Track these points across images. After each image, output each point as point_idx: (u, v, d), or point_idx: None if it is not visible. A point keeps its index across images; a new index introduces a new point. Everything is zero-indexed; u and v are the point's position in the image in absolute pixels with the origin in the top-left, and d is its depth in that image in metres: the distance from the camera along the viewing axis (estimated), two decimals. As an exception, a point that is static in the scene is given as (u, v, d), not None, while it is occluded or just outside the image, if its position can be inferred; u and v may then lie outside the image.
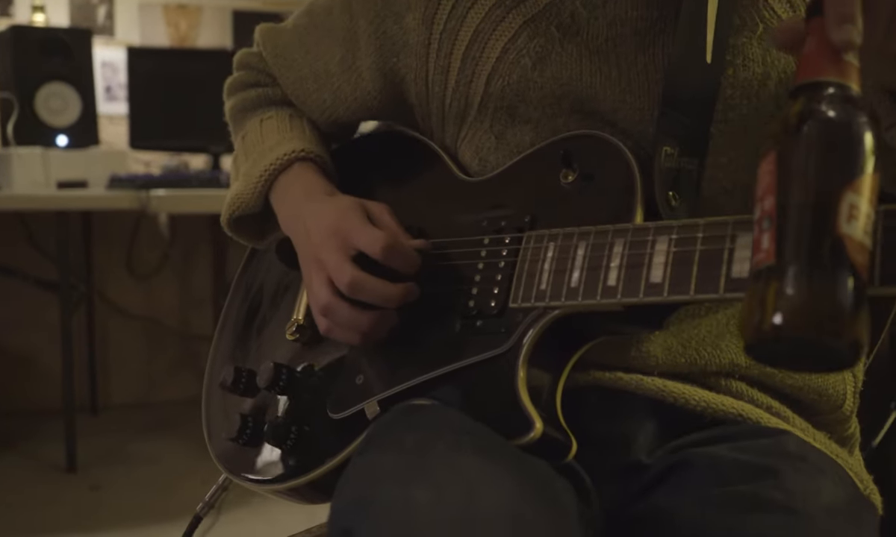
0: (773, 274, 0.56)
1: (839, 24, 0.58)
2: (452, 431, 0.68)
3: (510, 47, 0.85)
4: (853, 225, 0.55)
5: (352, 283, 0.81)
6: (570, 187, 0.79)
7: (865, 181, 0.56)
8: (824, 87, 0.59)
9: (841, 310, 0.54)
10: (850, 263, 0.54)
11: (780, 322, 0.54)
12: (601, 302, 0.71)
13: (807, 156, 0.57)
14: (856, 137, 0.57)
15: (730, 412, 0.79)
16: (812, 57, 0.60)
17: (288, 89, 1.06)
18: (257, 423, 0.93)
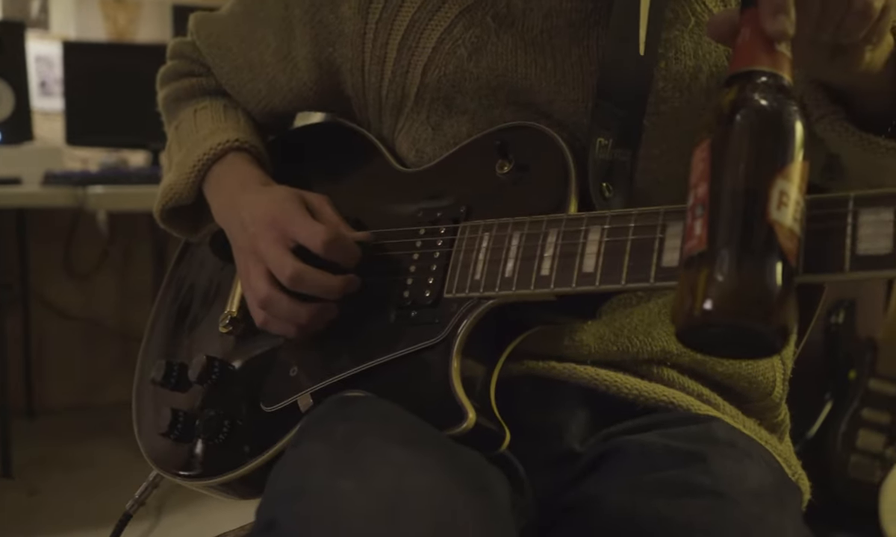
0: (705, 260, 0.56)
1: (773, 15, 0.59)
2: (383, 422, 0.68)
3: (446, 37, 0.84)
4: (783, 212, 0.55)
5: (294, 276, 0.80)
6: (505, 178, 0.80)
7: (796, 169, 0.57)
8: (757, 76, 0.59)
9: (770, 296, 0.54)
10: (780, 249, 0.55)
11: (711, 307, 0.54)
12: (535, 291, 0.71)
13: (739, 144, 0.58)
14: (787, 126, 0.58)
15: (661, 399, 0.79)
16: (746, 47, 0.61)
17: (222, 79, 1.04)
18: (189, 418, 0.91)
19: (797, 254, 0.56)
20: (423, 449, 0.64)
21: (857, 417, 2.22)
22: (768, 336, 0.55)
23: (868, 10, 0.60)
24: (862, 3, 0.60)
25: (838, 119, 0.72)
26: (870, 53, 0.66)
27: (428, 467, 0.62)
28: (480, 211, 0.80)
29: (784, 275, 0.55)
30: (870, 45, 0.65)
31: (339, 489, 0.58)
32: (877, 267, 0.57)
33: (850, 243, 0.57)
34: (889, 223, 0.57)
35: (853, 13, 0.61)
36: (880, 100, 0.72)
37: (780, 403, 0.90)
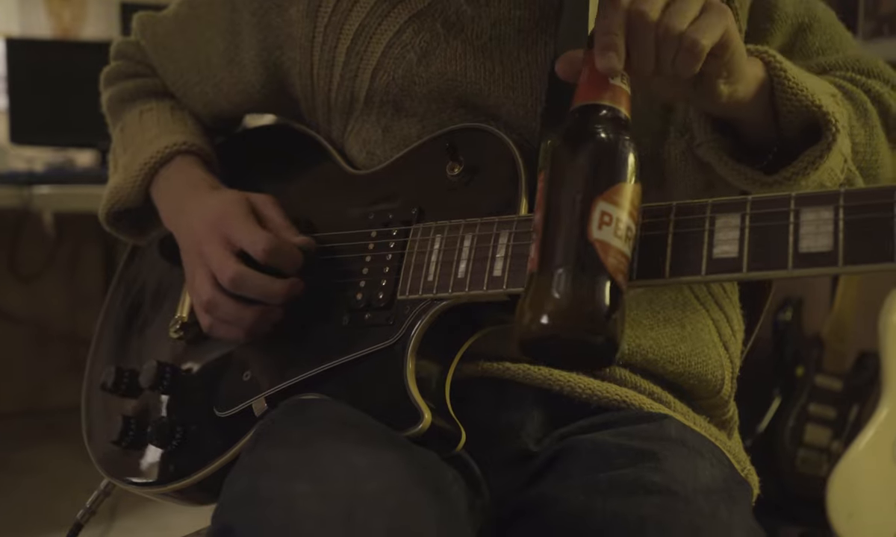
0: (538, 279, 0.61)
1: (602, 52, 0.64)
2: (339, 424, 0.68)
3: (395, 42, 0.85)
4: (605, 231, 0.60)
5: (234, 278, 0.80)
6: (456, 180, 0.80)
7: (621, 191, 0.61)
8: (590, 110, 0.64)
9: (595, 310, 0.59)
10: (603, 267, 0.60)
11: (543, 322, 0.59)
12: (487, 292, 0.72)
13: (565, 170, 0.63)
14: (609, 152, 0.62)
15: (614, 399, 0.80)
16: (584, 83, 0.66)
17: (168, 81, 1.03)
18: (140, 425, 0.90)
19: (625, 270, 0.61)
20: (380, 451, 0.65)
21: (804, 412, 2.27)
22: (597, 347, 0.60)
23: (695, 47, 0.64)
24: (689, 42, 0.64)
25: (714, 147, 0.76)
26: (725, 87, 0.69)
27: (384, 469, 0.62)
28: (432, 212, 0.80)
29: (609, 291, 0.59)
30: (721, 79, 0.68)
31: (295, 493, 0.58)
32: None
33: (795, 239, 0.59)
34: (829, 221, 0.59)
35: (683, 50, 0.64)
36: (758, 130, 0.76)
37: (728, 401, 0.91)
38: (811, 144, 0.74)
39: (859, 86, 0.85)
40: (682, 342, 0.86)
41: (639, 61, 0.65)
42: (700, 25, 0.65)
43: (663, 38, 0.65)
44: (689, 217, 0.64)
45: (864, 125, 0.82)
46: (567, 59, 0.69)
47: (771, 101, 0.74)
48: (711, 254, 0.62)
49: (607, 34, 0.64)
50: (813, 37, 0.88)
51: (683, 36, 0.64)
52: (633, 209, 0.62)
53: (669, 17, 0.64)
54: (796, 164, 0.73)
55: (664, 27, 0.64)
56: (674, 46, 0.65)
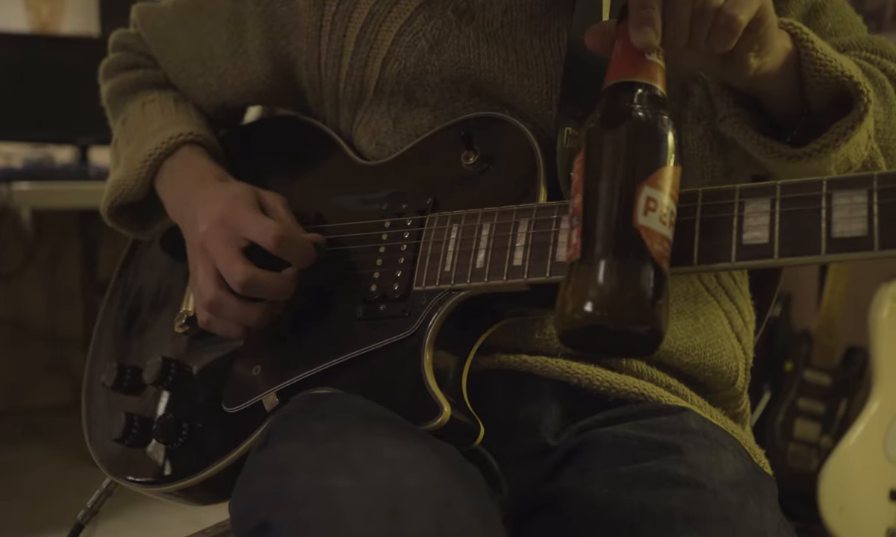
0: (580, 267, 0.59)
1: (638, 27, 0.62)
2: (364, 417, 0.66)
3: (406, 30, 0.83)
4: (650, 217, 0.58)
5: (244, 283, 0.78)
6: (471, 169, 0.78)
7: (664, 175, 0.60)
8: (626, 87, 0.62)
9: (641, 298, 0.57)
10: (649, 254, 0.58)
11: (587, 311, 0.57)
12: (508, 282, 0.70)
13: (606, 154, 0.60)
14: (652, 134, 0.60)
15: (632, 391, 0.79)
16: (618, 59, 0.64)
17: (170, 72, 1.01)
18: (144, 422, 0.88)
19: (668, 256, 0.60)
20: (411, 445, 0.63)
21: (793, 407, 2.28)
22: (642, 336, 0.58)
23: (731, 22, 0.63)
24: (726, 18, 0.63)
25: (739, 121, 0.74)
26: (755, 60, 0.68)
27: (419, 462, 0.60)
28: (447, 202, 0.78)
29: (655, 278, 0.58)
30: (752, 52, 0.67)
31: (334, 488, 0.56)
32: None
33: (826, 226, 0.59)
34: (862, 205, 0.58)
35: (719, 26, 0.63)
36: (784, 105, 0.74)
37: (742, 392, 0.91)
38: (836, 119, 0.72)
39: (875, 64, 0.84)
40: (697, 333, 0.85)
41: (673, 35, 0.64)
42: (736, 0, 0.63)
43: (700, 13, 0.63)
44: (717, 202, 0.63)
45: (883, 103, 0.81)
46: (598, 30, 0.67)
47: (798, 73, 0.72)
48: (741, 240, 0.61)
49: (643, 7, 0.62)
50: (826, 17, 0.87)
51: (721, 11, 0.63)
52: (674, 192, 0.61)
53: None
54: (827, 136, 0.72)
55: (702, 1, 0.63)
56: (710, 20, 0.63)
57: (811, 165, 0.73)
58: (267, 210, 0.83)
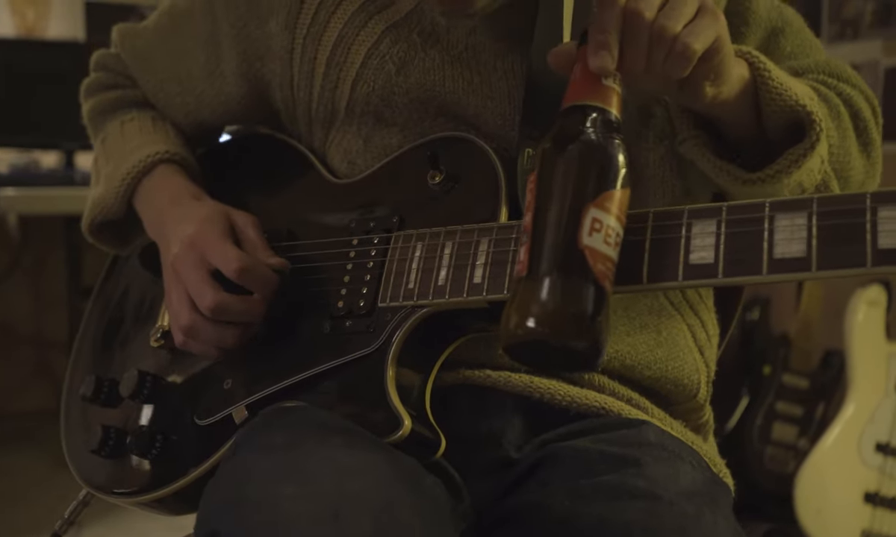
0: (526, 283, 0.61)
1: (595, 52, 0.64)
2: (322, 429, 0.68)
3: (373, 53, 0.85)
4: (595, 237, 0.61)
5: (213, 308, 0.80)
6: (437, 188, 0.80)
7: (611, 197, 0.62)
8: (581, 110, 0.64)
9: (581, 316, 0.60)
10: (592, 273, 0.60)
11: (532, 325, 0.60)
12: (468, 299, 0.72)
13: (555, 175, 0.63)
14: (600, 157, 0.63)
15: (593, 405, 0.81)
16: (576, 82, 0.66)
17: (149, 92, 1.03)
18: (120, 434, 0.90)
19: (612, 276, 0.62)
20: (365, 452, 0.65)
21: (771, 410, 2.31)
22: (582, 352, 0.61)
23: (686, 50, 0.64)
24: (681, 46, 0.64)
25: (697, 143, 0.76)
26: (711, 88, 0.70)
27: (369, 469, 0.63)
28: (413, 220, 0.80)
29: (596, 297, 0.60)
30: (707, 81, 0.69)
31: (281, 495, 0.59)
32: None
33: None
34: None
35: (675, 53, 0.65)
36: (742, 130, 0.76)
37: (704, 405, 0.93)
38: (791, 144, 0.75)
39: (832, 88, 0.86)
40: (659, 347, 0.87)
41: (631, 61, 0.66)
42: (694, 29, 0.65)
43: (657, 39, 0.65)
44: (666, 223, 0.65)
45: (837, 127, 0.83)
46: (560, 51, 0.69)
47: (754, 101, 0.75)
48: (688, 260, 0.63)
49: (602, 32, 0.64)
50: (785, 41, 0.89)
51: (677, 39, 0.65)
52: (621, 214, 0.63)
53: (664, 17, 0.65)
54: (780, 162, 0.74)
55: (659, 28, 0.65)
56: (666, 48, 0.65)
57: (765, 189, 0.75)
58: (238, 231, 0.86)
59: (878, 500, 1.97)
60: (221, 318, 0.81)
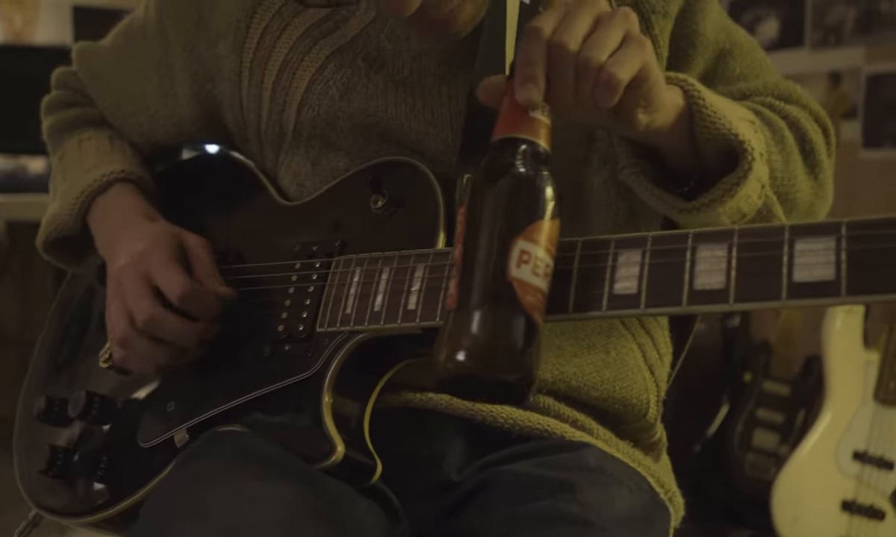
0: (456, 315, 0.61)
1: (522, 85, 0.64)
2: (242, 459, 0.69)
3: (318, 78, 0.85)
4: (523, 269, 0.61)
5: (148, 320, 0.80)
6: (379, 212, 0.80)
7: (539, 229, 0.62)
8: (509, 143, 0.64)
9: (511, 348, 0.60)
10: (521, 305, 0.60)
11: (462, 359, 0.60)
12: (402, 325, 0.72)
13: (484, 207, 0.63)
14: (528, 189, 0.63)
15: (536, 428, 0.81)
16: (505, 114, 0.66)
17: (105, 111, 1.04)
18: (68, 454, 0.90)
19: (542, 307, 0.62)
20: (279, 485, 0.66)
21: (752, 417, 2.31)
22: (513, 384, 0.61)
23: (611, 80, 0.64)
24: (606, 75, 0.64)
25: (636, 171, 0.76)
26: (644, 116, 0.69)
27: (276, 501, 0.64)
28: (355, 245, 0.80)
29: (526, 329, 0.60)
30: (639, 109, 0.69)
31: (173, 534, 0.60)
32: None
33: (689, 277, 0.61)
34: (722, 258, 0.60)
35: (601, 83, 0.64)
36: (680, 157, 0.76)
37: (654, 424, 0.93)
38: (730, 171, 0.75)
39: (777, 111, 0.86)
40: (607, 368, 0.87)
41: (559, 92, 0.66)
42: (618, 59, 0.65)
43: (583, 70, 0.65)
44: (594, 252, 0.65)
45: (781, 151, 0.83)
46: (488, 84, 0.69)
47: (690, 128, 0.75)
48: (613, 290, 0.63)
49: (528, 66, 0.64)
50: (734, 62, 0.89)
51: (602, 69, 0.64)
52: (550, 245, 0.63)
53: (589, 48, 0.65)
54: (713, 192, 0.74)
55: (584, 59, 0.64)
56: (592, 78, 0.65)
57: (702, 217, 0.75)
58: (189, 253, 0.86)
59: (855, 508, 1.97)
60: (155, 334, 0.81)
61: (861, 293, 0.55)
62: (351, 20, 0.85)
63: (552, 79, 0.65)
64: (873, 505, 1.96)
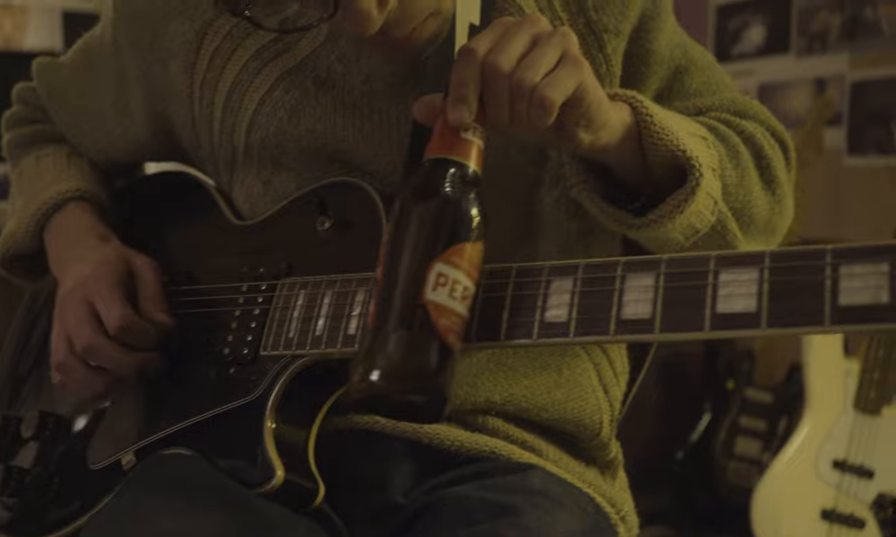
0: (372, 336, 0.62)
1: (453, 106, 0.64)
2: (173, 488, 0.69)
3: (266, 99, 0.85)
4: (439, 292, 0.61)
5: (87, 348, 0.81)
6: (326, 234, 0.80)
7: (459, 252, 0.62)
8: (438, 164, 0.64)
9: (422, 371, 0.61)
10: (434, 328, 0.61)
11: (374, 379, 0.61)
12: (342, 350, 0.72)
13: (406, 228, 0.63)
14: (451, 212, 0.63)
15: (483, 449, 0.81)
16: (437, 135, 0.66)
17: (63, 128, 1.04)
18: (21, 474, 0.90)
19: (458, 330, 0.62)
20: (204, 515, 0.66)
21: (735, 425, 2.31)
22: (426, 405, 0.62)
23: (544, 102, 0.64)
24: (539, 97, 0.64)
25: (586, 189, 0.76)
26: (586, 135, 0.69)
27: (203, 529, 0.63)
28: (301, 267, 0.80)
29: (439, 352, 0.61)
30: (580, 128, 0.68)
31: None
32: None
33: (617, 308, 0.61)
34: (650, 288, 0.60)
35: (534, 105, 0.64)
36: (631, 174, 0.76)
37: (608, 443, 0.92)
38: (680, 187, 0.74)
39: (733, 127, 0.85)
40: (558, 388, 0.87)
41: (494, 113, 0.65)
42: (552, 80, 0.64)
43: (516, 92, 0.64)
44: (527, 279, 0.65)
45: (736, 166, 0.82)
46: (425, 102, 0.69)
47: (639, 145, 0.74)
48: (544, 318, 0.63)
49: (459, 87, 0.64)
50: (690, 79, 0.89)
51: (535, 90, 0.64)
52: (471, 269, 0.63)
53: (522, 69, 0.64)
54: (662, 208, 0.74)
55: (517, 80, 0.64)
56: (526, 100, 0.65)
57: (654, 232, 0.75)
58: (136, 276, 0.86)
59: (834, 517, 1.97)
60: (93, 362, 0.81)
61: (781, 326, 0.55)
62: (301, 42, 0.85)
63: (486, 99, 0.65)
64: (853, 514, 1.96)
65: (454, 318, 0.62)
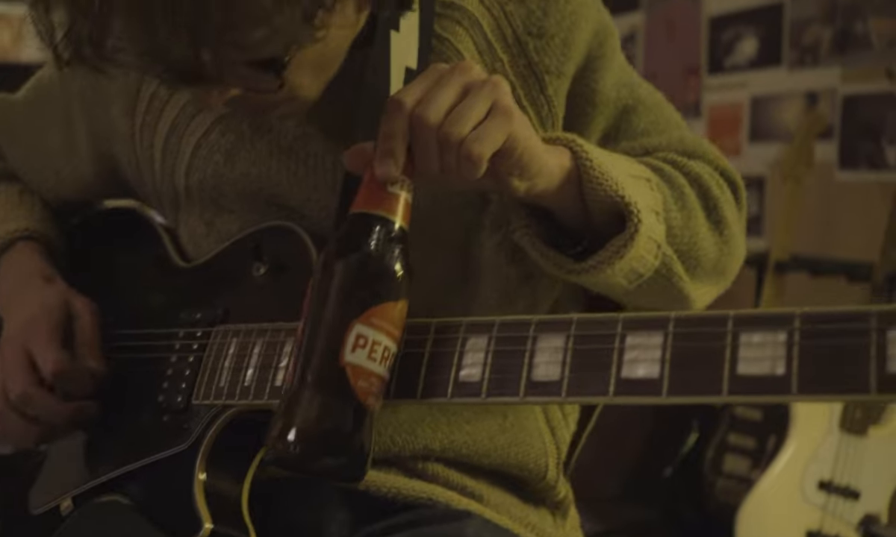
0: (290, 395, 0.62)
1: (379, 159, 0.63)
2: None
3: (203, 142, 0.85)
4: (358, 354, 0.61)
5: (21, 396, 0.81)
6: (261, 279, 0.80)
7: (381, 312, 0.62)
8: (361, 219, 0.64)
9: (337, 433, 0.61)
10: (352, 390, 0.61)
11: (288, 439, 0.61)
12: (269, 402, 0.72)
13: (327, 286, 0.63)
14: (373, 270, 0.62)
15: (420, 496, 0.81)
16: (364, 188, 0.65)
17: (15, 165, 1.04)
18: (-32, 516, 0.90)
19: (377, 391, 0.62)
20: None
21: (723, 442, 2.29)
22: (342, 465, 0.62)
23: (471, 155, 0.63)
24: (466, 152, 0.63)
25: (528, 233, 0.75)
26: (521, 182, 0.68)
27: None
28: (237, 313, 0.80)
29: (355, 414, 0.61)
30: (513, 177, 0.68)
31: None
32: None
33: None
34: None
35: (462, 158, 0.64)
36: (573, 218, 0.75)
37: (556, 485, 0.92)
38: (621, 232, 0.74)
39: (679, 168, 0.84)
40: (502, 433, 0.86)
41: (423, 164, 0.65)
42: (480, 133, 0.64)
43: (444, 145, 0.64)
44: (445, 336, 0.65)
45: (681, 208, 0.81)
46: (354, 152, 0.68)
47: (580, 189, 0.73)
48: (458, 377, 0.63)
49: (386, 140, 0.64)
50: (637, 118, 0.88)
51: (462, 144, 0.63)
52: (393, 329, 0.63)
53: (450, 123, 0.64)
54: (601, 253, 0.73)
55: (444, 134, 0.63)
56: (454, 153, 0.64)
57: (595, 277, 0.74)
58: (74, 318, 0.86)
59: (820, 539, 1.96)
60: (26, 411, 0.81)
61: (681, 394, 0.54)
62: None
63: (415, 151, 0.65)
64: (839, 535, 1.94)
65: (373, 380, 0.61)
